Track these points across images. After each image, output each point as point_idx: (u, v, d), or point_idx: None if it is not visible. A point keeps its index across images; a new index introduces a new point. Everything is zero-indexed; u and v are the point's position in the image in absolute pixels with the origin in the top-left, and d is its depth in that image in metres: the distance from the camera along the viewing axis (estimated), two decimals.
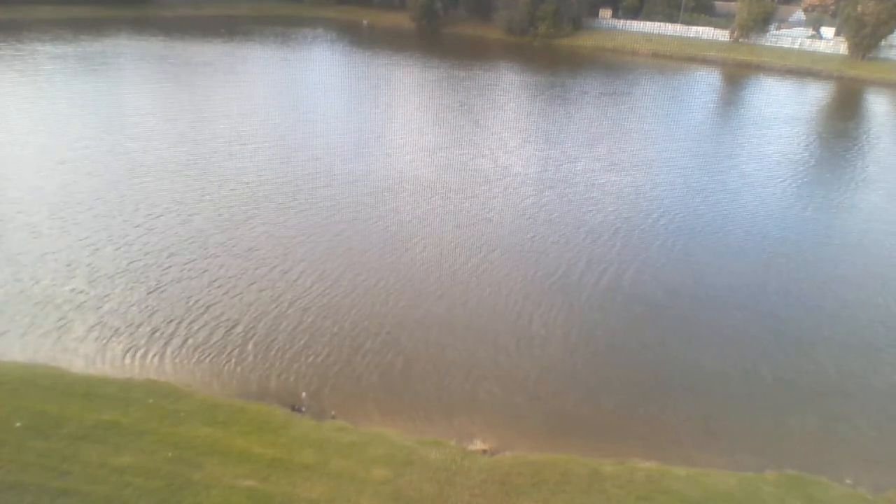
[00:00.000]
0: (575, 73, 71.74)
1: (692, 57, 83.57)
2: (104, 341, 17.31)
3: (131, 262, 21.58)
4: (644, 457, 14.08)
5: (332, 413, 15.10)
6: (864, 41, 75.73)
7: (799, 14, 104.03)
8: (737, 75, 76.19)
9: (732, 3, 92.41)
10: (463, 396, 16.19)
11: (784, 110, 57.49)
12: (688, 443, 15.10)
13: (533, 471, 13.27)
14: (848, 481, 13.93)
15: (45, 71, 52.00)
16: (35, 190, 27.04)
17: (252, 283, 20.73)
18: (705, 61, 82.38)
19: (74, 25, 78.17)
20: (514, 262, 23.36)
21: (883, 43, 77.05)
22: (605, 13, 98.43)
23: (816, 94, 67.58)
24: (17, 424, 13.28)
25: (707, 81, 73.79)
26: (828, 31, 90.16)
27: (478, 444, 14.32)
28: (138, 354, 16.92)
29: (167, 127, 38.08)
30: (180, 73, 56.07)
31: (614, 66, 78.38)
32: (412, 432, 14.50)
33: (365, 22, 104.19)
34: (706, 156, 40.50)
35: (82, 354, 16.80)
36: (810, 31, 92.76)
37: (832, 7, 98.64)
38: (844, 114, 59.13)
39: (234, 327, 18.26)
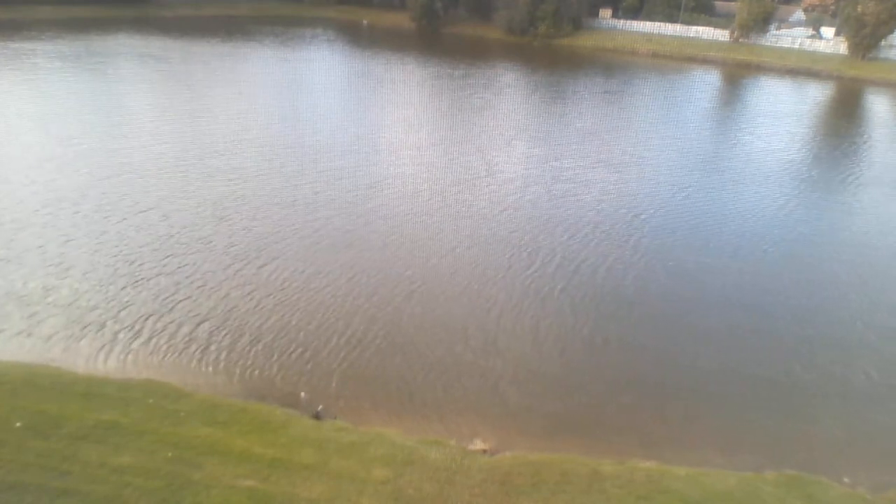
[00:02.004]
0: (574, 73, 71.73)
1: (692, 57, 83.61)
2: (98, 340, 17.26)
3: (116, 259, 21.54)
4: (644, 456, 14.09)
5: (333, 413, 15.10)
6: (864, 41, 75.80)
7: (799, 14, 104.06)
8: (737, 75, 76.15)
9: (732, 3, 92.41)
10: (463, 396, 16.16)
11: (783, 109, 57.47)
12: (686, 442, 15.08)
13: (533, 471, 13.27)
14: (846, 480, 13.94)
15: (43, 70, 51.97)
16: (25, 187, 27.07)
17: (245, 282, 20.73)
18: (705, 61, 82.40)
19: (74, 25, 78.14)
20: (504, 258, 23.41)
21: (883, 43, 77.12)
22: (605, 13, 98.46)
23: (816, 94, 67.54)
24: (17, 424, 13.28)
25: (706, 81, 73.74)
26: (828, 31, 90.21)
27: (478, 444, 14.32)
28: (136, 354, 16.87)
29: (160, 125, 38.12)
30: (178, 73, 56.03)
31: (614, 66, 78.34)
32: (412, 432, 14.49)
33: (365, 22, 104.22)
34: (701, 154, 40.43)
35: (69, 353, 16.71)
36: (810, 31, 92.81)
37: (832, 7, 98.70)
38: (843, 113, 59.14)
39: (228, 326, 18.23)
